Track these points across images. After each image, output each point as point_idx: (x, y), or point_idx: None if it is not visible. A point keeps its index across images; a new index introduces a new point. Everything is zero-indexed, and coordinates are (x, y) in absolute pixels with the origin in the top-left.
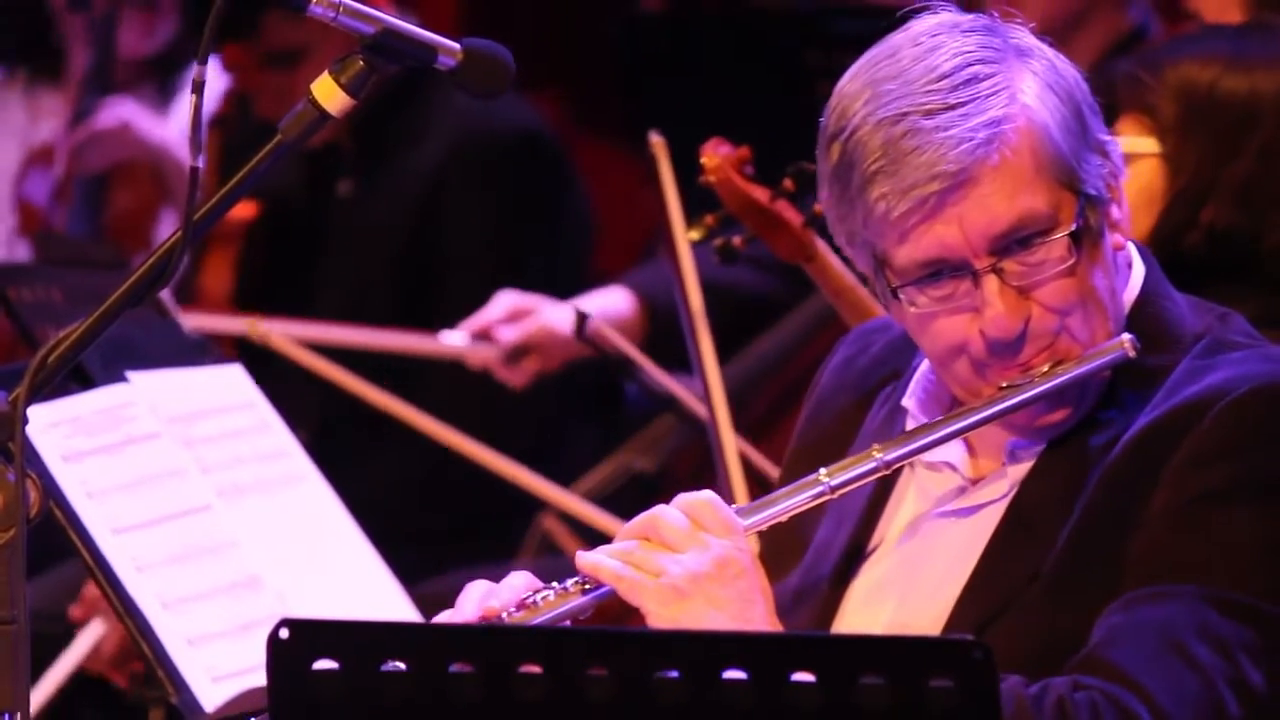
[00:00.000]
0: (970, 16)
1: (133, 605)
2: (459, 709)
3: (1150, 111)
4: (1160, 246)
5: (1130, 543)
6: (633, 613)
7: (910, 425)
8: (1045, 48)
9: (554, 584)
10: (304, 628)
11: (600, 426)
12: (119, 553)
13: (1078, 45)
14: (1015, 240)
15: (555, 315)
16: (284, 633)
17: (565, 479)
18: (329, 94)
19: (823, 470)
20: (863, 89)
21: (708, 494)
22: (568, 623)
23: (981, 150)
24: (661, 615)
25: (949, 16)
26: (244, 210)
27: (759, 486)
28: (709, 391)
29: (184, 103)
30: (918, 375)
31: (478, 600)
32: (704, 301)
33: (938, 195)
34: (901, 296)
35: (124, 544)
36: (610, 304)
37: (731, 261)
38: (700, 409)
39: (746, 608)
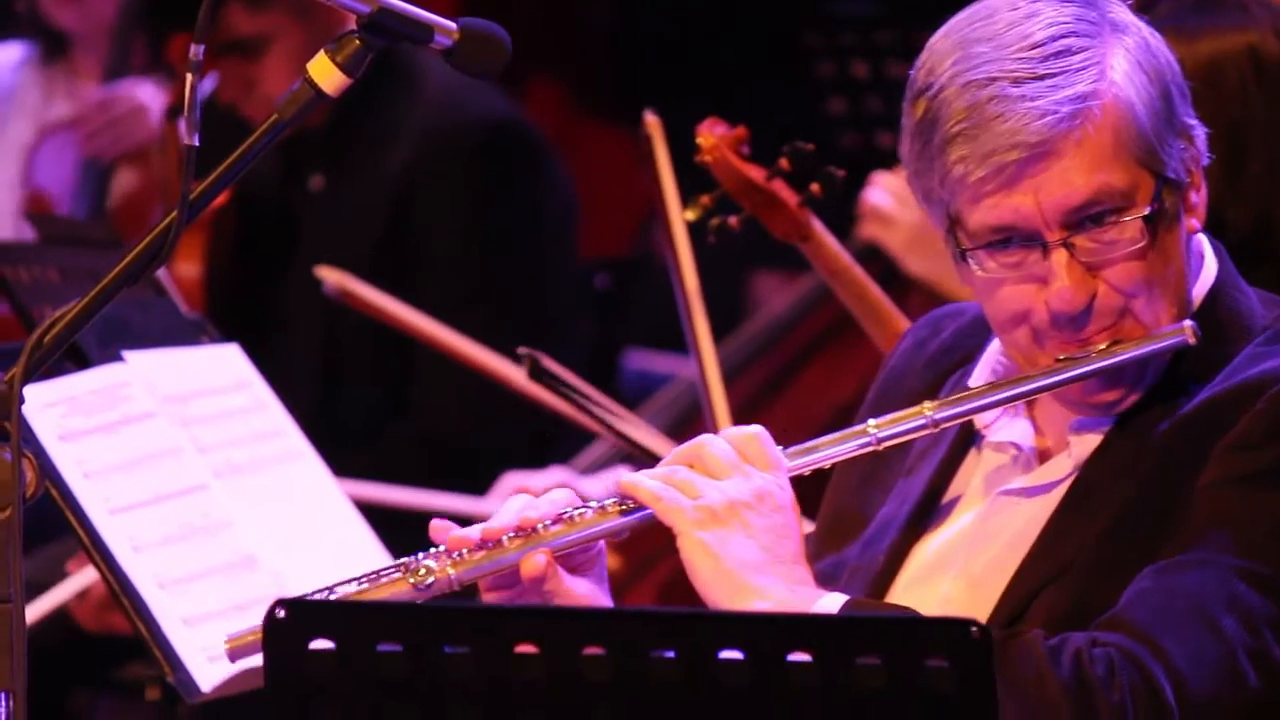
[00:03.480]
0: None
1: (129, 585)
2: (455, 688)
3: None
4: None
5: (1173, 519)
6: (630, 588)
7: None
8: (1142, 25)
9: (593, 502)
10: (300, 607)
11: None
12: (115, 532)
13: None
14: (1089, 216)
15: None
16: (280, 612)
17: (559, 459)
18: (325, 73)
19: (871, 421)
20: (954, 48)
21: (756, 428)
22: (602, 544)
23: (1065, 124)
24: (692, 538)
25: None
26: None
27: None
28: (704, 372)
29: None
30: (985, 357)
31: (517, 511)
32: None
33: (1017, 165)
34: (970, 260)
35: (121, 523)
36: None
37: (726, 241)
38: (655, 443)
39: (778, 542)
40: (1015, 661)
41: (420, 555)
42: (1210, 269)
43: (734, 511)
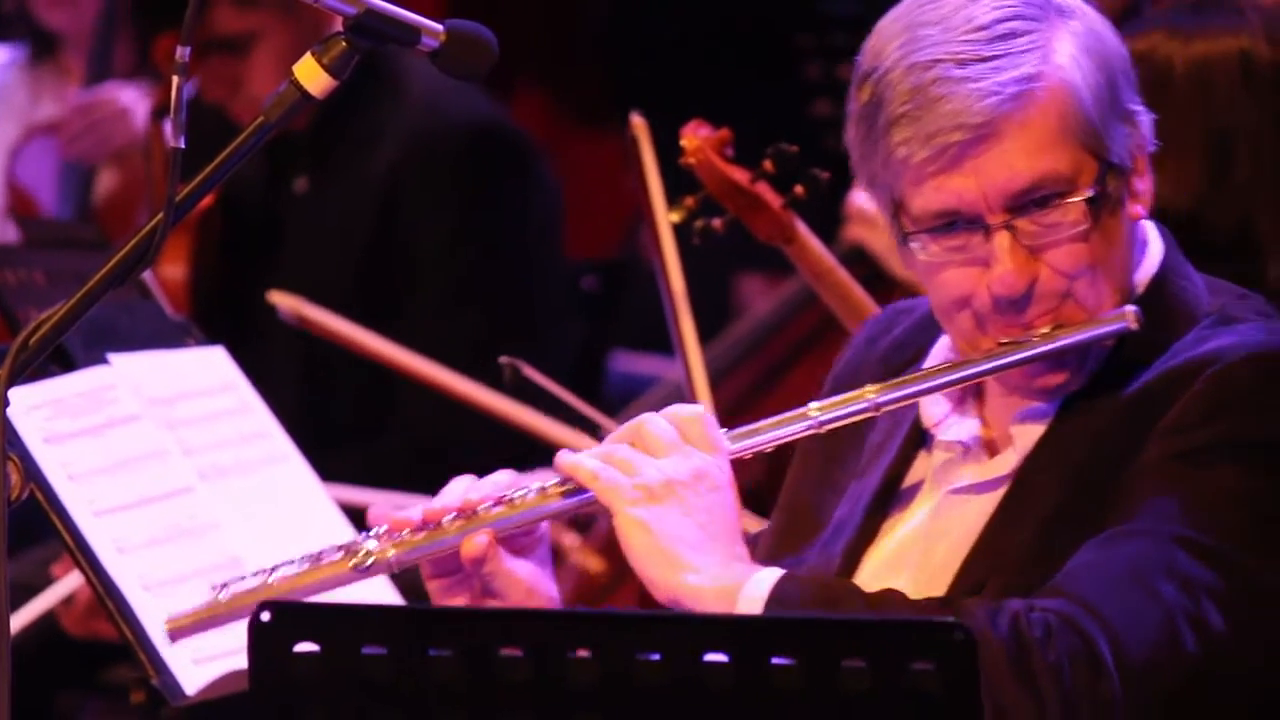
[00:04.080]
0: None
1: (114, 587)
2: (440, 691)
3: None
4: None
5: (1115, 499)
6: (613, 591)
7: (924, 401)
8: (1089, 10)
9: (535, 484)
10: (285, 610)
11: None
12: (100, 535)
13: None
14: (1032, 200)
15: None
16: (265, 615)
17: (544, 462)
18: (311, 75)
19: (813, 405)
20: (901, 31)
21: (699, 408)
22: (545, 526)
23: (1009, 105)
24: (627, 515)
25: None
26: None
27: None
28: (690, 374)
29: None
30: (934, 350)
31: (460, 493)
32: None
33: (959, 146)
34: (913, 243)
35: (105, 526)
36: None
37: (711, 243)
38: None
39: (714, 520)
40: None
41: (361, 536)
42: (1155, 255)
43: (670, 489)
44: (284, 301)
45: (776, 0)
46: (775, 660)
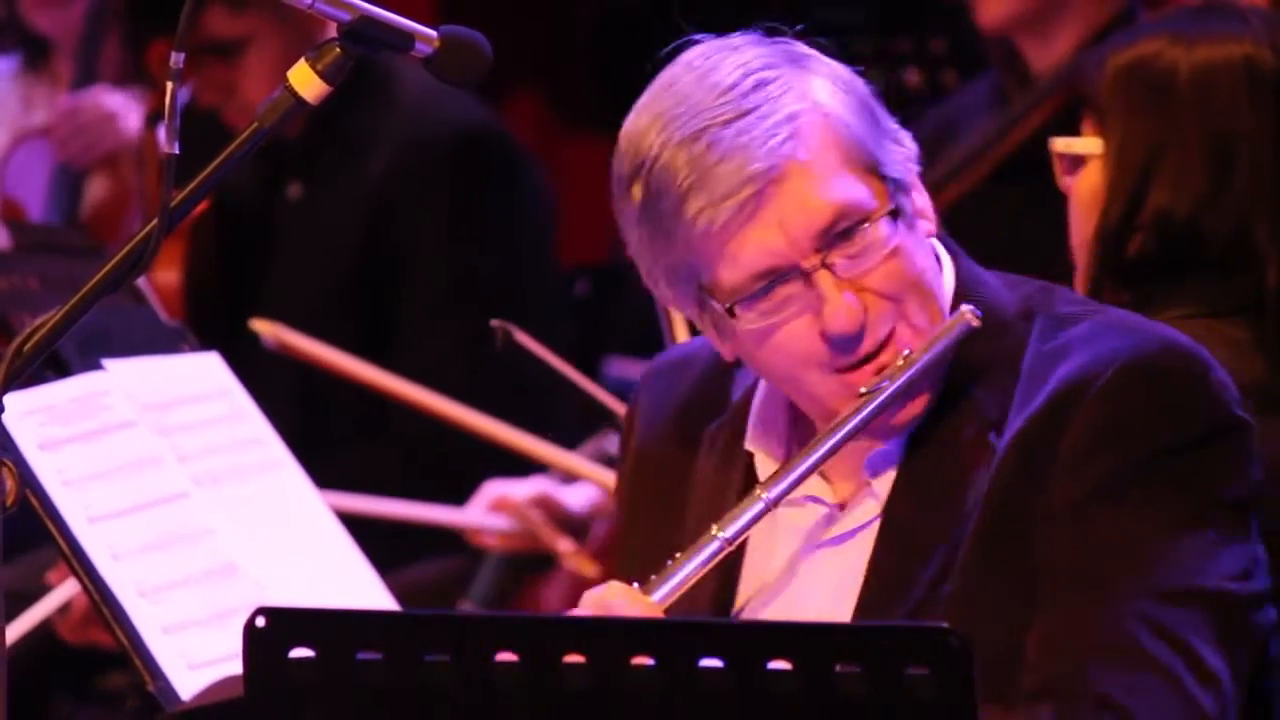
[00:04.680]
0: (735, 35)
1: (109, 593)
2: (436, 697)
3: (1096, 107)
4: (1103, 244)
5: (1035, 546)
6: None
7: (761, 462)
8: (816, 52)
9: None
10: (281, 616)
11: (577, 408)
12: (95, 541)
13: (1059, 31)
14: (837, 233)
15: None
16: (260, 621)
17: (540, 468)
18: (306, 81)
19: (714, 526)
20: (651, 123)
21: (614, 584)
22: None
23: (787, 145)
24: None
25: (713, 41)
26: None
27: None
28: None
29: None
30: (752, 418)
31: None
32: None
33: (754, 198)
34: (737, 315)
35: (100, 532)
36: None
37: None
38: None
39: None
40: None
41: None
42: (949, 268)
43: None
44: (266, 329)
45: (768, 5)
46: (771, 665)
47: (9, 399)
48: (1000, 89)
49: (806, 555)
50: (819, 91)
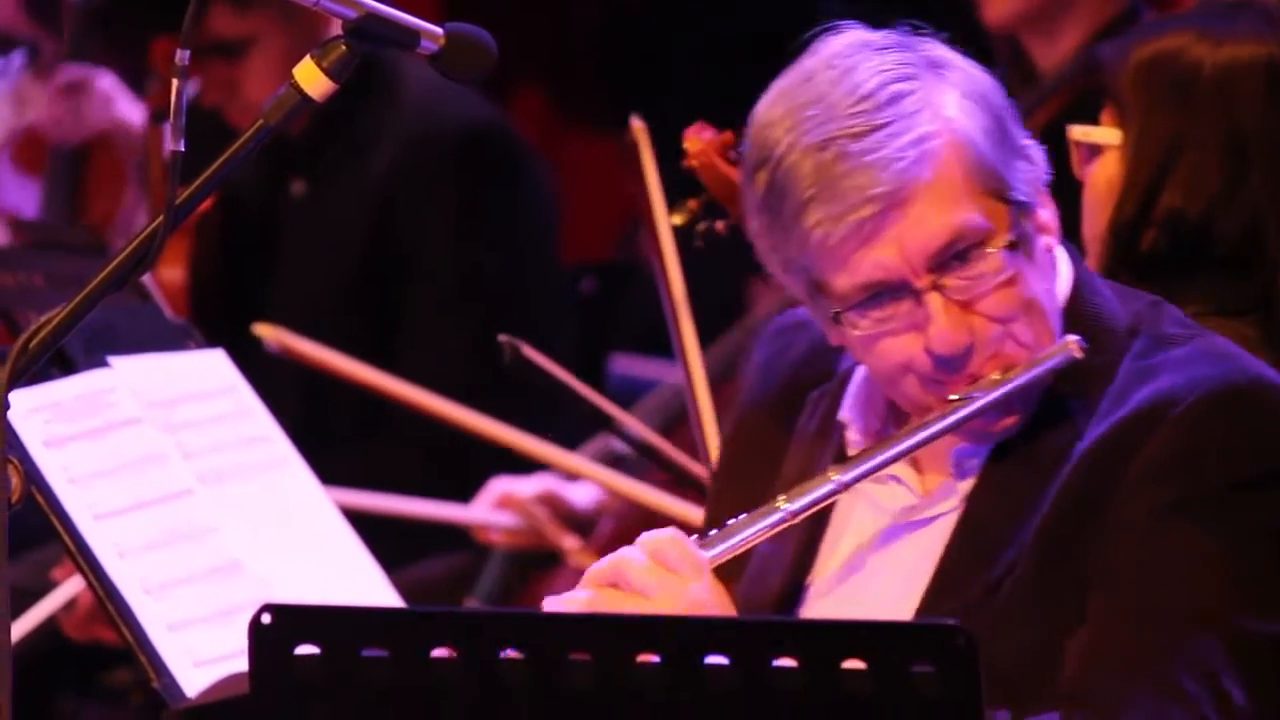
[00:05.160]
0: (880, 33)
1: (114, 590)
2: (441, 694)
3: (1117, 98)
4: (1116, 237)
5: (1093, 557)
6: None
7: (851, 438)
8: (958, 57)
9: None
10: (286, 613)
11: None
12: (100, 538)
13: (1064, 28)
14: (953, 255)
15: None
16: (266, 618)
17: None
18: (311, 78)
19: (781, 497)
20: (783, 116)
21: (671, 532)
22: None
23: (913, 169)
24: None
25: (857, 35)
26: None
27: None
28: (692, 378)
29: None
30: (851, 388)
31: None
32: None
33: (874, 218)
34: (843, 321)
35: (105, 529)
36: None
37: (723, 249)
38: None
39: None
40: None
41: None
42: (1066, 276)
43: None
44: (269, 334)
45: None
46: (776, 663)
47: (15, 396)
48: (1006, 86)
49: (885, 534)
50: (953, 107)
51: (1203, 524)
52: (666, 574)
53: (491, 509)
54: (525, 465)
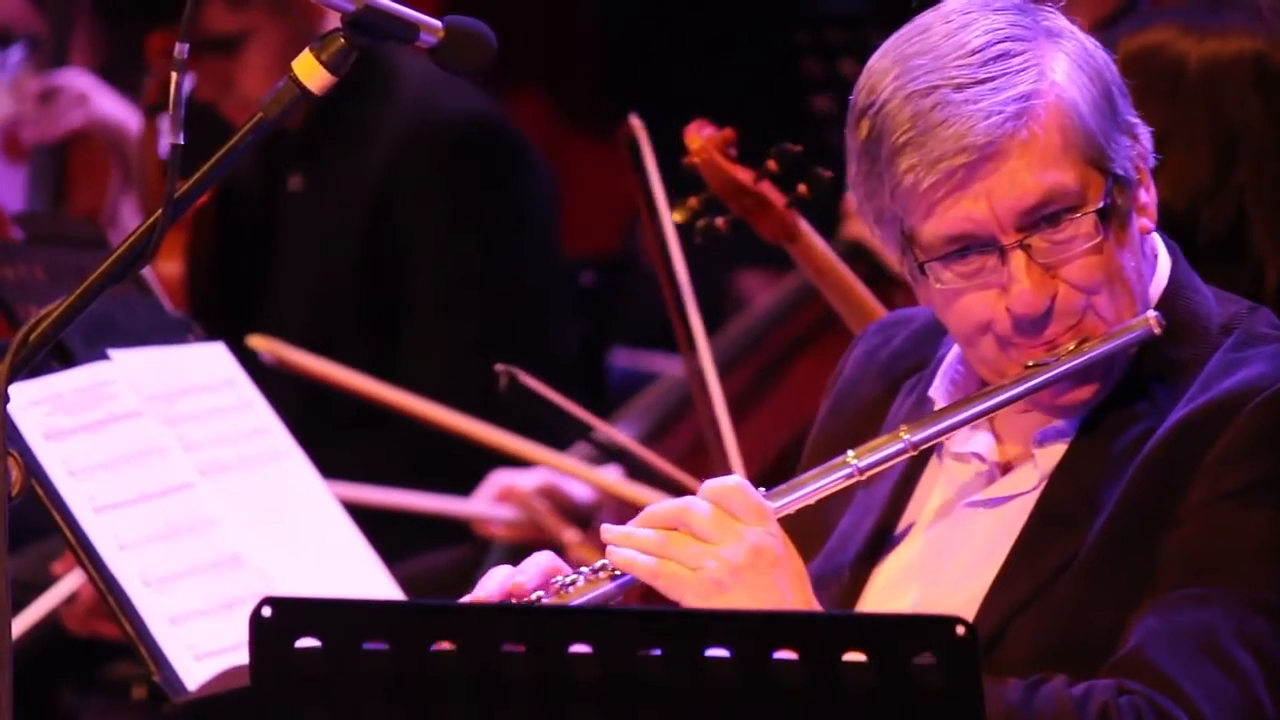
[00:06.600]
0: None
1: (115, 583)
2: (441, 687)
3: None
4: None
5: (1164, 538)
6: None
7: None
8: (1076, 30)
9: (583, 569)
10: (286, 606)
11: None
12: (101, 531)
13: None
14: (1043, 217)
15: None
16: (266, 611)
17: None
18: (310, 72)
19: (850, 452)
20: (892, 64)
21: (735, 479)
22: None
23: (1010, 124)
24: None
25: None
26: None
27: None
28: (700, 373)
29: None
30: (943, 368)
31: (501, 580)
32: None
33: (966, 168)
34: (928, 272)
35: (106, 522)
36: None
37: (715, 243)
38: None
39: (785, 594)
40: (1042, 711)
41: None
42: (1164, 269)
43: (737, 578)
44: (263, 345)
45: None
46: (777, 655)
47: (15, 389)
48: None
49: (962, 509)
50: (1060, 73)
51: (1271, 508)
52: (728, 519)
53: (492, 502)
54: (524, 461)
